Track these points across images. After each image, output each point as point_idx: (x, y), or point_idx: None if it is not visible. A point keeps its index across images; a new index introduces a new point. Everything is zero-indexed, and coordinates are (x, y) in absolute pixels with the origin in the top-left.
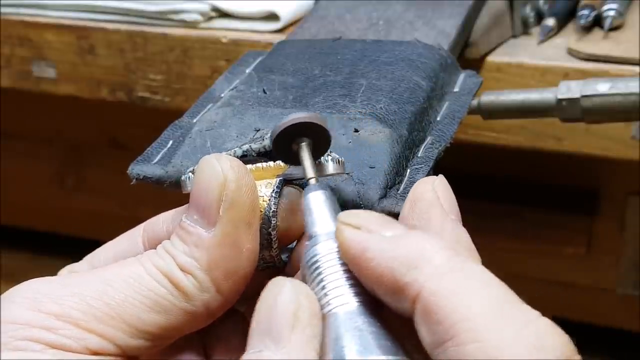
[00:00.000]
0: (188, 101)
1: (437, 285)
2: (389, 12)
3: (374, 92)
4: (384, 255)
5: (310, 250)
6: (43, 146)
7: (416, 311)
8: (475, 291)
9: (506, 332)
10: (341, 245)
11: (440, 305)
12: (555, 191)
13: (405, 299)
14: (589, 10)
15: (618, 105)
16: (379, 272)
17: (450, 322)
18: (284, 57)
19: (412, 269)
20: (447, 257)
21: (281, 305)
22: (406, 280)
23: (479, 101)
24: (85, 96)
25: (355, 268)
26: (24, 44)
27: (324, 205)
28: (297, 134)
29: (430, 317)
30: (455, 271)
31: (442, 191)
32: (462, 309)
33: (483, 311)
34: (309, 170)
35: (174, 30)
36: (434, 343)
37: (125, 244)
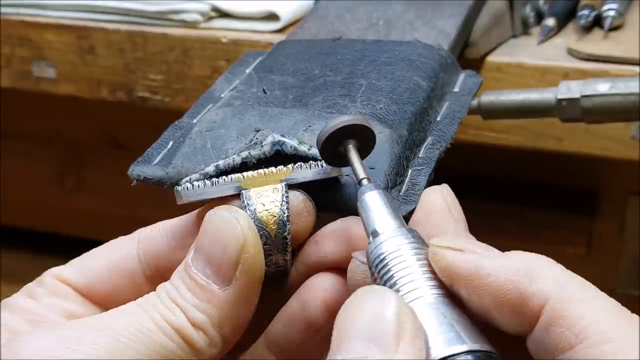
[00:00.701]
0: (188, 101)
1: (563, 293)
2: (389, 12)
3: (374, 92)
4: (502, 269)
5: (376, 248)
6: (43, 146)
7: (541, 319)
8: (595, 299)
9: (632, 333)
10: (446, 267)
11: (569, 310)
12: (555, 191)
13: (529, 309)
14: (589, 10)
15: (618, 105)
16: (499, 286)
17: (581, 325)
18: (284, 57)
19: (534, 279)
20: (560, 269)
21: (389, 314)
22: (531, 290)
23: (479, 101)
24: (85, 96)
25: (466, 287)
26: (24, 44)
27: (380, 204)
28: (344, 136)
29: (559, 322)
30: (572, 282)
31: (451, 201)
32: (591, 314)
33: (609, 316)
34: (360, 171)
35: (174, 30)
36: (561, 349)
37: (118, 254)
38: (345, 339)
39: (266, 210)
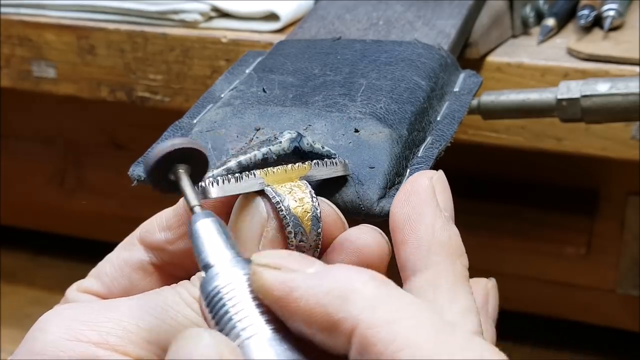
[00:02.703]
0: (188, 101)
1: (372, 316)
2: (389, 12)
3: (374, 92)
4: (313, 292)
5: (209, 282)
6: (43, 146)
7: (353, 346)
8: (410, 319)
9: (451, 354)
10: (262, 287)
11: (378, 337)
12: (555, 191)
13: (339, 334)
14: (589, 10)
15: (618, 105)
16: (309, 310)
17: (391, 352)
18: (283, 57)
19: (344, 302)
20: (375, 286)
21: (203, 353)
22: (340, 315)
23: (479, 101)
24: (85, 96)
25: (281, 309)
26: (24, 44)
27: (214, 234)
28: (172, 161)
29: (368, 350)
30: (387, 300)
31: (439, 187)
32: (401, 338)
33: (422, 338)
34: (192, 198)
35: (174, 30)
36: None
37: (126, 252)
38: None
39: (300, 206)
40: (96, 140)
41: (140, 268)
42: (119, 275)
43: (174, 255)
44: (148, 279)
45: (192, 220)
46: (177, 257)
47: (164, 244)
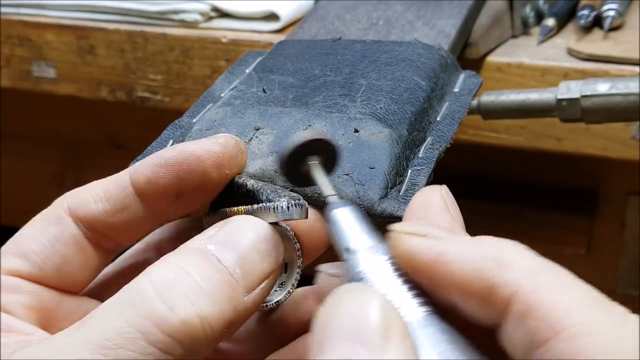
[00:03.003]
0: (188, 101)
1: (534, 282)
2: (389, 12)
3: (374, 92)
4: (467, 256)
5: (353, 265)
6: (43, 146)
7: (511, 311)
8: (569, 288)
9: (614, 325)
10: (408, 254)
11: (542, 301)
12: (555, 191)
13: (496, 300)
14: (589, 10)
15: (618, 105)
16: (464, 275)
17: (556, 317)
18: (283, 57)
19: (502, 267)
20: (532, 256)
21: (372, 312)
22: (498, 279)
23: (479, 101)
24: (85, 96)
25: (429, 275)
26: (24, 44)
27: (353, 220)
28: (305, 154)
29: (531, 314)
30: (546, 269)
31: (449, 200)
32: (565, 304)
33: (586, 306)
34: (326, 188)
35: (174, 30)
36: (534, 343)
37: (54, 227)
38: (328, 340)
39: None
40: (96, 140)
41: (74, 243)
42: (50, 252)
43: (110, 227)
44: (82, 253)
45: (329, 208)
46: (113, 229)
47: (101, 216)
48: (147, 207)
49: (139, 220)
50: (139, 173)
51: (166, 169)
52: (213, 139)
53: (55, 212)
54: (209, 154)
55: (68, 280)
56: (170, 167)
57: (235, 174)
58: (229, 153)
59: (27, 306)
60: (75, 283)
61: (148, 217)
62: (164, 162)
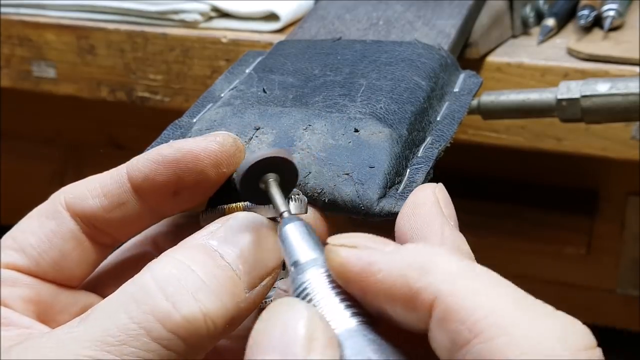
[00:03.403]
0: (188, 101)
1: (454, 285)
2: (389, 12)
3: (374, 92)
4: (393, 265)
5: (297, 278)
6: (43, 146)
7: (434, 315)
8: (491, 289)
9: (532, 324)
10: (339, 265)
11: (461, 304)
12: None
13: (420, 305)
14: (589, 10)
15: (618, 106)
16: (390, 282)
17: (474, 319)
18: (283, 57)
19: (424, 273)
20: (455, 260)
21: (296, 325)
22: (420, 284)
23: (479, 101)
24: (85, 96)
25: (359, 285)
26: (24, 44)
27: (302, 236)
28: (263, 171)
29: (450, 317)
30: (467, 272)
31: (442, 198)
32: (484, 306)
33: (505, 306)
34: (281, 205)
35: (174, 30)
36: (456, 345)
37: (53, 222)
38: (257, 354)
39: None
40: (96, 140)
41: (72, 237)
42: (47, 247)
43: (107, 222)
44: (79, 248)
45: (281, 224)
46: (110, 224)
47: (99, 211)
48: (144, 203)
49: (136, 216)
50: (137, 169)
51: (164, 167)
52: (211, 137)
53: (53, 206)
54: (206, 152)
55: (65, 274)
56: (167, 165)
57: (233, 172)
58: (227, 152)
59: (24, 299)
60: (72, 277)
61: (145, 213)
62: (161, 159)
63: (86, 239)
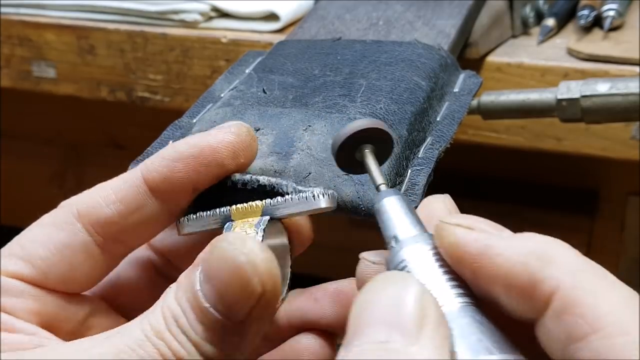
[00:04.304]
0: (188, 101)
1: (576, 279)
2: (389, 12)
3: (374, 92)
4: (513, 250)
5: (398, 254)
6: (43, 146)
7: (552, 306)
8: (610, 288)
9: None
10: (453, 244)
11: (582, 298)
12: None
13: (538, 294)
14: (589, 10)
15: (618, 106)
16: (508, 268)
17: (596, 315)
18: (283, 57)
19: (546, 263)
20: (574, 254)
21: (408, 300)
22: (542, 274)
23: (479, 101)
24: (85, 96)
25: (473, 267)
26: (24, 44)
27: (403, 210)
28: (360, 141)
29: (571, 310)
30: (587, 268)
31: (452, 209)
32: (606, 303)
33: (627, 307)
34: (377, 176)
35: (174, 30)
36: (571, 338)
37: (64, 232)
38: (363, 325)
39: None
40: (96, 140)
41: (83, 250)
42: (57, 259)
43: (124, 229)
44: (90, 260)
45: (378, 197)
46: (126, 231)
47: (115, 218)
48: (162, 204)
49: (154, 219)
50: (153, 170)
51: (182, 163)
52: (225, 129)
53: (65, 217)
54: (224, 144)
55: (73, 286)
56: (186, 161)
57: (249, 162)
58: (244, 141)
59: (29, 311)
60: (80, 288)
61: (163, 214)
62: (178, 157)
63: (97, 250)
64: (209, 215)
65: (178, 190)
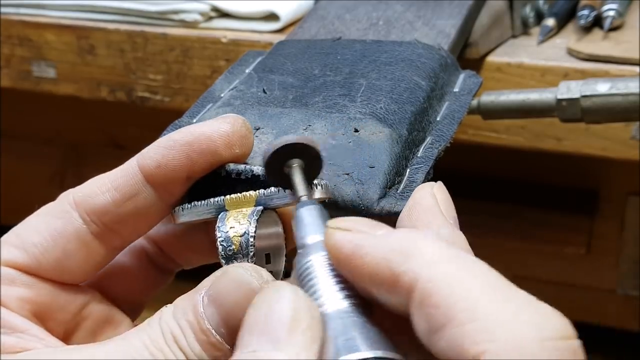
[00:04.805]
0: (188, 101)
1: (433, 272)
2: (389, 12)
3: (374, 92)
4: (378, 249)
5: (302, 260)
6: (43, 146)
7: (412, 300)
8: (471, 277)
9: (506, 310)
10: (332, 247)
11: (436, 290)
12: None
13: (401, 289)
14: (589, 10)
15: (618, 106)
16: (374, 265)
17: (448, 304)
18: (283, 57)
19: (407, 258)
20: (439, 247)
21: (281, 307)
22: (402, 269)
23: (479, 101)
24: (85, 96)
25: (348, 267)
26: (24, 44)
27: (314, 219)
28: (289, 156)
29: (427, 302)
30: (449, 259)
31: (441, 196)
32: (459, 292)
33: (481, 293)
34: (300, 189)
35: (174, 30)
36: (431, 329)
37: (59, 221)
38: (242, 337)
39: (233, 229)
40: (96, 140)
41: (77, 238)
42: (51, 246)
43: (119, 218)
44: (85, 249)
45: (297, 206)
46: (121, 219)
47: (110, 206)
48: (157, 192)
49: (149, 208)
50: (148, 157)
51: (176, 151)
52: (221, 119)
53: (61, 206)
54: (219, 133)
55: (67, 275)
56: (180, 149)
57: (245, 154)
58: (239, 132)
59: (21, 298)
60: (75, 277)
61: (158, 204)
62: (173, 144)
63: (94, 239)
64: (203, 205)
65: (172, 177)
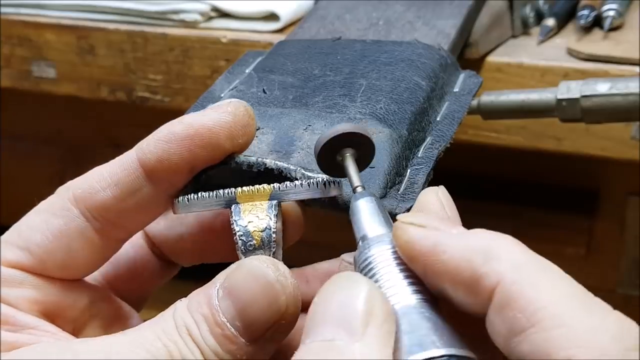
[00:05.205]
0: (188, 101)
1: (517, 274)
2: (389, 12)
3: (374, 92)
4: (458, 248)
5: (363, 252)
6: (43, 146)
7: (494, 301)
8: (554, 282)
9: (591, 320)
10: (406, 242)
11: (522, 293)
12: (555, 191)
13: (481, 289)
14: (588, 10)
15: (618, 106)
16: (454, 264)
17: (534, 308)
18: (283, 57)
19: (489, 259)
20: (521, 250)
21: (358, 300)
22: (484, 270)
23: (479, 101)
24: (85, 96)
25: (424, 264)
26: (24, 44)
27: (372, 211)
28: (341, 145)
29: (510, 305)
30: (531, 263)
31: (446, 201)
32: (545, 297)
33: (566, 300)
34: (355, 179)
35: (174, 30)
36: (512, 332)
37: (60, 219)
38: (315, 325)
39: (252, 223)
40: (96, 140)
41: (80, 236)
42: (54, 246)
43: (121, 213)
44: (88, 246)
45: (353, 198)
46: (123, 214)
47: (111, 202)
48: (158, 186)
49: (151, 201)
50: (148, 152)
51: (177, 145)
52: (222, 108)
53: (61, 203)
54: (220, 124)
55: (72, 271)
56: (181, 143)
57: (247, 142)
58: (241, 121)
59: (30, 300)
60: (80, 273)
61: (160, 197)
62: (173, 138)
63: (96, 235)
64: (212, 196)
65: (174, 171)
